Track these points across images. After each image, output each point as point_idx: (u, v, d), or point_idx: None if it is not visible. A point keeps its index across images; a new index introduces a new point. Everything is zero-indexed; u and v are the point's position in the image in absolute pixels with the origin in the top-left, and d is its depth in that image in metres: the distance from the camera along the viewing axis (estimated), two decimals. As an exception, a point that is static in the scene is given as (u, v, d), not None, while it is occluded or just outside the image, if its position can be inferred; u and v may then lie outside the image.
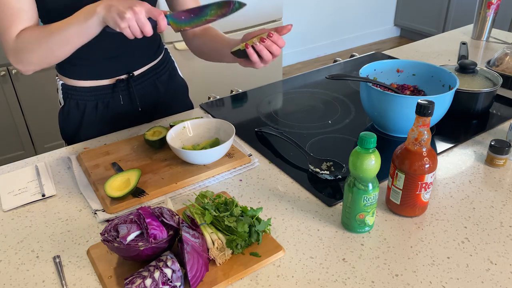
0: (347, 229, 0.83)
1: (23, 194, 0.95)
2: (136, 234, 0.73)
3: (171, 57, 1.33)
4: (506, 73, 1.36)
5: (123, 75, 1.17)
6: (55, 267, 0.77)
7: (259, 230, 0.78)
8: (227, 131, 1.03)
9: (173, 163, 1.01)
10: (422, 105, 0.77)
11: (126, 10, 0.82)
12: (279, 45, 0.91)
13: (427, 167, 0.80)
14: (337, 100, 1.35)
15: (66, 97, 1.17)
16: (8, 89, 2.21)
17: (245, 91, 1.43)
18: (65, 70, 1.14)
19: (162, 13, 0.86)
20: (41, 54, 0.94)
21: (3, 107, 2.24)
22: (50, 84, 2.10)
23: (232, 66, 2.59)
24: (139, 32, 0.85)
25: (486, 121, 1.21)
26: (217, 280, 0.72)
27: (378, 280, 0.73)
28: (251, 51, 0.90)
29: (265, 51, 0.90)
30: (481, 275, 0.74)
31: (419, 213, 0.87)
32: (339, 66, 1.62)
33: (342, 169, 0.98)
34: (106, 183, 0.91)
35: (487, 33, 1.77)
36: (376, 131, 1.16)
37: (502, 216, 0.87)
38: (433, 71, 1.18)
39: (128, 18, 0.82)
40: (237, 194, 0.94)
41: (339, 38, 4.30)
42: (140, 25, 0.84)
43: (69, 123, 1.19)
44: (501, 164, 1.01)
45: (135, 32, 0.85)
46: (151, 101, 1.25)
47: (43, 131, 2.39)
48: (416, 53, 1.69)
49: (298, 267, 0.76)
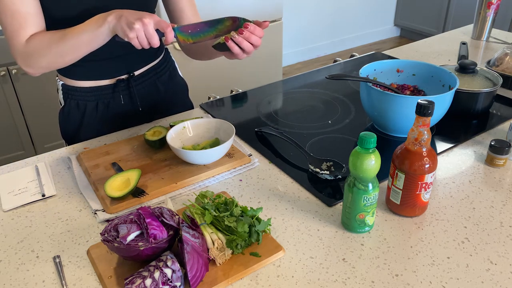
0: (347, 229, 0.83)
1: (23, 194, 0.95)
2: (136, 234, 0.73)
3: (171, 57, 1.33)
4: (506, 73, 1.36)
5: (123, 75, 1.17)
6: (55, 267, 0.77)
7: (259, 230, 0.78)
8: (227, 131, 1.03)
9: (173, 163, 1.01)
10: (422, 105, 0.77)
11: (135, 21, 0.86)
12: (257, 35, 0.92)
13: (427, 167, 0.80)
14: (337, 100, 1.35)
15: (67, 97, 1.17)
16: (8, 89, 2.21)
17: (245, 91, 1.43)
18: (65, 70, 1.14)
19: (170, 26, 0.89)
20: (51, 59, 0.97)
21: (3, 107, 2.24)
22: (50, 84, 2.10)
23: (232, 66, 2.60)
24: (146, 42, 0.88)
25: (486, 121, 1.21)
26: (217, 280, 0.72)
27: (378, 280, 0.73)
28: (231, 44, 0.91)
29: (245, 42, 0.91)
30: (481, 275, 0.74)
31: (419, 213, 0.87)
32: (339, 66, 1.62)
33: (342, 169, 0.98)
34: (106, 183, 0.91)
35: (487, 33, 1.77)
36: (376, 131, 1.16)
37: (502, 216, 0.87)
38: (433, 71, 1.18)
39: (137, 28, 0.86)
40: (237, 194, 0.94)
41: (339, 38, 4.30)
42: (148, 36, 0.87)
43: (69, 123, 1.20)
44: (501, 164, 1.01)
45: (142, 42, 0.88)
46: (151, 101, 1.25)
47: (43, 131, 2.39)
48: (416, 53, 1.69)
49: (298, 267, 0.76)
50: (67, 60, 0.98)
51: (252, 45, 0.93)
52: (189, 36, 0.93)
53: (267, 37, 2.87)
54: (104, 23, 0.90)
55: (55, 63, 0.98)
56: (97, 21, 0.91)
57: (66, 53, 0.96)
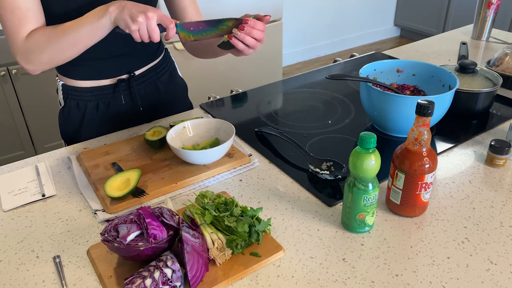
0: (347, 229, 0.83)
1: (23, 194, 0.95)
2: (136, 234, 0.73)
3: (171, 57, 1.33)
4: (506, 73, 1.36)
5: (124, 74, 1.17)
6: (55, 267, 0.77)
7: (259, 230, 0.78)
8: (227, 131, 1.03)
9: (173, 163, 1.01)
10: (422, 105, 0.77)
11: (139, 14, 0.85)
12: (258, 29, 0.92)
13: (427, 167, 0.80)
14: (337, 100, 1.35)
15: (67, 98, 1.17)
16: (8, 89, 2.21)
17: (245, 91, 1.43)
18: (66, 70, 1.14)
19: (173, 22, 0.89)
20: (51, 54, 0.96)
21: (3, 107, 2.24)
22: (50, 84, 2.10)
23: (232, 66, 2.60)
24: (147, 36, 0.88)
25: (486, 121, 1.21)
26: (217, 280, 0.72)
27: (378, 280, 0.73)
28: (235, 41, 0.92)
29: (247, 38, 0.92)
30: (481, 275, 0.74)
31: (419, 213, 0.87)
32: (339, 66, 1.62)
33: (342, 169, 0.98)
34: (106, 183, 0.91)
35: (487, 33, 1.77)
36: (376, 131, 1.16)
37: (502, 216, 0.87)
38: (433, 71, 1.18)
39: (140, 22, 0.85)
40: (237, 194, 0.94)
41: (339, 38, 4.30)
42: (150, 30, 0.87)
43: (69, 124, 1.19)
44: (501, 164, 1.01)
45: (143, 36, 0.88)
46: (152, 101, 1.25)
47: (43, 131, 2.39)
48: (416, 53, 1.69)
49: (298, 267, 0.76)
50: (68, 55, 0.97)
51: (256, 40, 0.93)
52: (191, 34, 0.93)
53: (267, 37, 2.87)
54: (106, 14, 0.88)
55: (55, 59, 0.97)
56: (98, 12, 0.89)
57: (67, 47, 0.94)
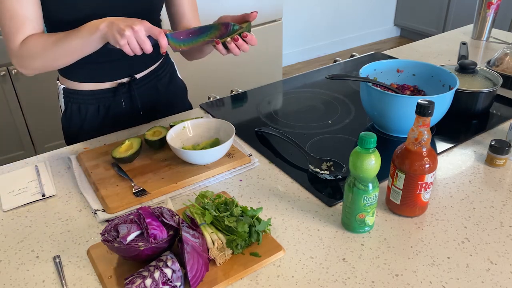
0: (347, 229, 0.83)
1: (23, 194, 0.95)
2: (136, 234, 0.73)
3: (171, 59, 1.33)
4: (506, 73, 1.36)
5: (125, 78, 1.17)
6: (55, 267, 0.77)
7: (259, 230, 0.78)
8: (227, 131, 1.03)
9: (173, 163, 1.01)
10: (422, 105, 0.77)
11: (126, 27, 0.87)
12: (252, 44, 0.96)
13: (427, 167, 0.80)
14: (337, 100, 1.35)
15: (68, 101, 1.17)
16: (8, 89, 2.21)
17: (245, 91, 1.43)
18: (67, 72, 1.15)
19: (162, 32, 0.90)
20: (44, 61, 0.99)
21: (3, 107, 2.24)
22: (50, 84, 2.10)
23: (232, 66, 2.60)
24: (138, 49, 0.90)
25: (486, 121, 1.21)
26: (217, 280, 0.72)
27: (378, 280, 0.73)
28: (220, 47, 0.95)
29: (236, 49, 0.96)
30: (481, 275, 0.74)
31: (419, 213, 0.87)
32: (339, 66, 1.62)
33: (342, 169, 0.98)
34: (113, 151, 1.00)
35: (487, 33, 1.77)
36: (376, 131, 1.16)
37: (502, 216, 0.87)
38: (433, 71, 1.18)
39: (127, 35, 0.87)
40: (237, 194, 0.94)
41: (339, 38, 4.30)
42: (140, 42, 0.89)
43: (71, 128, 1.20)
44: (501, 164, 1.01)
45: (134, 49, 0.89)
46: (152, 104, 1.25)
47: (43, 131, 2.39)
48: (416, 53, 1.69)
49: (298, 267, 0.76)
50: (60, 64, 1.01)
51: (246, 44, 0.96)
52: (181, 43, 0.94)
53: (267, 37, 2.88)
54: (96, 31, 0.91)
55: (48, 66, 1.01)
56: (90, 28, 0.92)
57: (59, 57, 0.98)
